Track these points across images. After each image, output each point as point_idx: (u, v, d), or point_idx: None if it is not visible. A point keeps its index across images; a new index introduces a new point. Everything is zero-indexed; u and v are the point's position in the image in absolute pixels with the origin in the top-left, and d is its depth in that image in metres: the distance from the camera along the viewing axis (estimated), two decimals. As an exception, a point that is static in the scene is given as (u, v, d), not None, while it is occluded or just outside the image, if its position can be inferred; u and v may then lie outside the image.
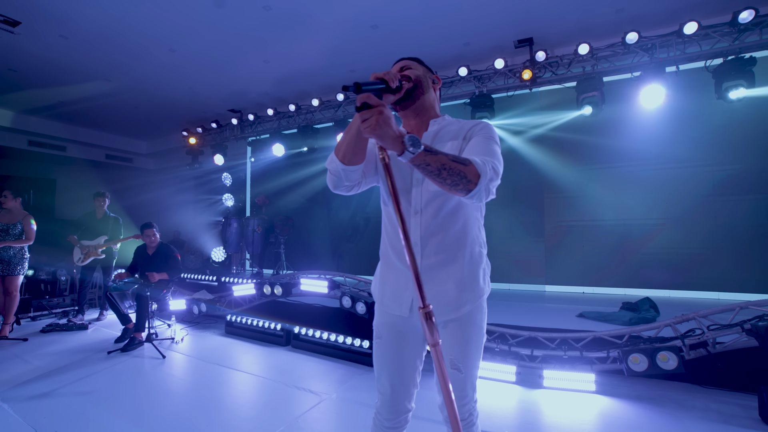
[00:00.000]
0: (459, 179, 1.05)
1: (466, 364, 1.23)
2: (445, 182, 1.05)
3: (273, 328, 3.97)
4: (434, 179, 1.05)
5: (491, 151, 1.22)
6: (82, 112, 7.58)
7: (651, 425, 2.30)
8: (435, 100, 1.40)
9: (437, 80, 1.40)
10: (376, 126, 0.96)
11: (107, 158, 9.79)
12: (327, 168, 1.23)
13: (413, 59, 1.37)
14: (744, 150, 4.87)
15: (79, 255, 4.93)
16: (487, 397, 2.71)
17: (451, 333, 1.24)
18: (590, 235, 5.57)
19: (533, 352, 3.12)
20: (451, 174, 1.04)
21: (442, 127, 1.33)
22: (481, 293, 1.28)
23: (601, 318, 3.66)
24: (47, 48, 5.02)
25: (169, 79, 6.15)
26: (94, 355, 3.65)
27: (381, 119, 0.96)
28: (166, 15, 4.41)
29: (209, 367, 3.36)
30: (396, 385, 1.31)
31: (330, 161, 1.21)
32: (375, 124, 0.96)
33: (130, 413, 2.49)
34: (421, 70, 1.33)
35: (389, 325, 1.32)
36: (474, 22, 4.75)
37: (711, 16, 4.39)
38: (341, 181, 1.20)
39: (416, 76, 1.29)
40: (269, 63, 5.73)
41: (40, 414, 2.44)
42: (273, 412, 2.53)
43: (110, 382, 3.01)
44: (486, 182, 1.09)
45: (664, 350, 2.55)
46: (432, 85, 1.37)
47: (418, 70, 1.32)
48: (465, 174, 1.05)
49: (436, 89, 1.41)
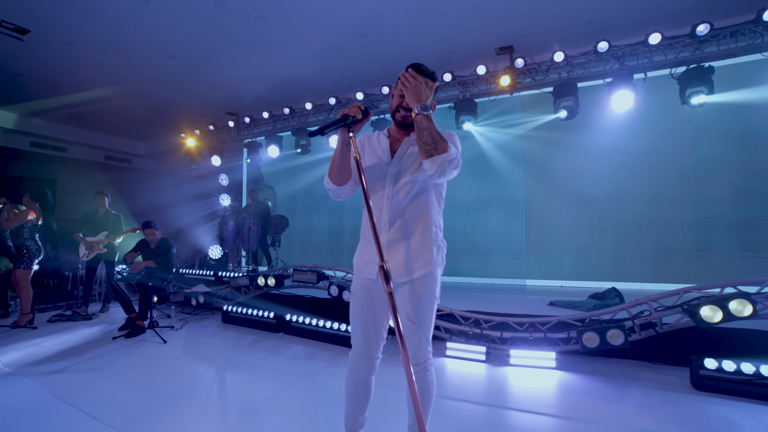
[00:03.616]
0: (432, 143, 1.43)
1: (419, 318, 1.54)
2: (422, 138, 1.44)
3: (266, 317, 4.27)
4: (419, 133, 1.45)
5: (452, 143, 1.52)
6: (83, 114, 7.85)
7: (597, 392, 2.62)
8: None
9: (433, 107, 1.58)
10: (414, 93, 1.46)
11: (107, 159, 10.05)
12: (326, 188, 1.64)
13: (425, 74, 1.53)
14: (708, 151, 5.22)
15: (84, 251, 5.21)
16: (460, 373, 3.02)
17: (407, 292, 1.55)
18: (567, 232, 5.90)
19: (503, 334, 3.44)
20: (430, 135, 1.43)
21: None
22: (433, 264, 1.58)
23: (569, 306, 3.97)
24: (53, 54, 5.30)
25: (168, 83, 6.44)
26: (101, 340, 3.93)
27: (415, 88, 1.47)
28: (167, 24, 4.71)
29: (207, 350, 3.65)
30: (366, 335, 1.63)
31: (326, 183, 1.63)
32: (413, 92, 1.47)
33: (136, 385, 2.77)
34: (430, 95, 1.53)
35: (363, 286, 1.64)
36: (457, 30, 5.07)
37: (673, 28, 4.75)
38: (339, 195, 1.65)
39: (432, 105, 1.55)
40: (264, 69, 6.04)
41: (56, 385, 2.73)
42: (266, 382, 2.82)
43: (117, 360, 3.30)
44: (446, 158, 1.43)
45: (613, 328, 2.87)
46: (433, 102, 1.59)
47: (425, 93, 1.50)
48: (437, 143, 1.43)
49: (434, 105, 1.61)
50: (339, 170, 1.56)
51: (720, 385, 2.51)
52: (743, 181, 5.00)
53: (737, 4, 4.48)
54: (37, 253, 4.63)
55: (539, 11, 4.68)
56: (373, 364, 1.65)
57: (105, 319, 4.93)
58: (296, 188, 8.48)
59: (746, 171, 5.00)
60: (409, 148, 1.62)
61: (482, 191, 6.52)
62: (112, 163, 10.14)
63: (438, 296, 1.62)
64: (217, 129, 7.90)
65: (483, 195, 6.52)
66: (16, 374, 2.97)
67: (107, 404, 2.44)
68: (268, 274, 4.72)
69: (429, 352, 1.62)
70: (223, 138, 7.91)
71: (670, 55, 4.75)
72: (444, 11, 4.63)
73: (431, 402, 1.65)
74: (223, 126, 7.81)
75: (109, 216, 5.41)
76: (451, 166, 1.47)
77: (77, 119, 8.24)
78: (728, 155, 5.10)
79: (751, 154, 4.99)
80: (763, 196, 4.90)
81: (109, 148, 9.86)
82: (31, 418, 2.28)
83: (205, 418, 2.29)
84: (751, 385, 2.42)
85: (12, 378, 2.91)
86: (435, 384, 1.65)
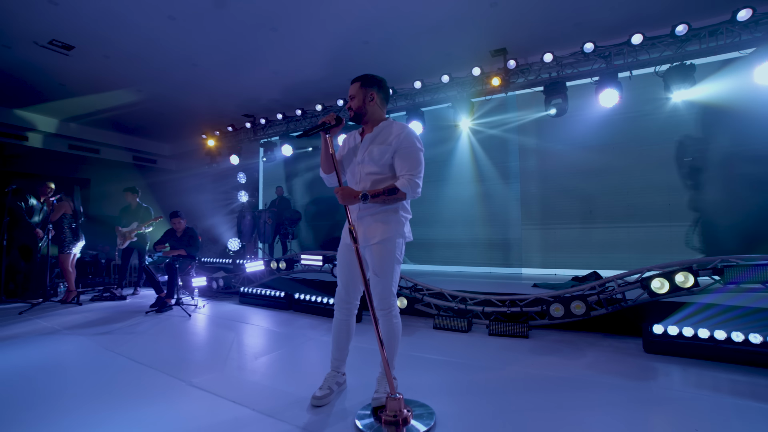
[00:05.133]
0: (394, 200, 1.96)
1: (381, 272, 1.99)
2: (386, 203, 1.98)
3: (277, 296, 4.79)
4: (380, 204, 1.98)
5: (413, 162, 1.98)
6: (114, 118, 8.60)
7: (558, 353, 3.00)
8: (377, 108, 2.12)
9: (372, 96, 2.12)
10: (343, 199, 1.95)
11: (134, 160, 10.85)
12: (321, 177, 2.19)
13: (357, 81, 2.10)
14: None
15: (121, 241, 5.88)
16: (444, 341, 3.44)
17: (372, 252, 2.01)
18: (558, 224, 6.22)
19: (484, 309, 3.84)
20: (388, 200, 1.95)
21: (381, 130, 2.08)
22: (389, 233, 2.00)
23: (550, 287, 4.34)
24: (92, 66, 5.98)
25: (191, 89, 7.07)
26: (135, 314, 4.54)
27: (343, 195, 1.95)
28: (190, 37, 5.29)
29: (227, 323, 4.18)
30: (345, 284, 2.13)
31: (321, 173, 2.18)
32: (342, 198, 1.95)
33: (167, 342, 3.32)
34: (360, 95, 2.07)
35: (343, 247, 2.15)
36: (453, 35, 5.48)
37: (655, 29, 5.02)
38: (330, 182, 2.16)
39: (356, 106, 2.08)
40: (277, 74, 6.58)
41: (103, 340, 3.31)
42: (275, 343, 3.32)
43: (150, 327, 3.88)
44: (410, 193, 1.95)
45: (577, 300, 3.24)
46: (370, 102, 2.10)
47: (358, 96, 2.07)
48: (397, 197, 1.94)
49: (374, 103, 2.13)
50: (325, 163, 2.10)
51: (666, 348, 2.86)
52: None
53: (713, 5, 4.73)
54: (74, 241, 5.31)
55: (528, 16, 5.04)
56: (350, 307, 2.13)
57: (136, 300, 5.57)
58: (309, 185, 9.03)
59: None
60: (369, 145, 2.06)
61: (480, 185, 6.90)
62: (140, 163, 10.93)
63: (399, 258, 2.05)
64: (236, 130, 8.51)
65: (481, 189, 6.89)
66: (72, 333, 3.61)
67: (144, 354, 2.99)
68: (280, 258, 5.24)
69: (394, 300, 2.06)
70: (241, 138, 8.52)
71: (654, 54, 5.03)
72: (440, 18, 5.04)
73: (396, 342, 2.07)
74: (241, 127, 8.42)
75: (140, 209, 6.06)
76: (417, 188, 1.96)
77: (109, 123, 9.01)
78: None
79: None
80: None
81: (136, 149, 10.65)
82: (89, 360, 2.86)
83: (226, 363, 2.79)
84: (690, 346, 2.77)
85: (69, 335, 3.55)
86: (399, 329, 2.08)
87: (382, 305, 2.03)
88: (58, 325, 3.93)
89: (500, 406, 2.11)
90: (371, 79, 2.10)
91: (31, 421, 1.91)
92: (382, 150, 2.02)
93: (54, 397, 2.21)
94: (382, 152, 2.02)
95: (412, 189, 1.94)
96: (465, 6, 4.78)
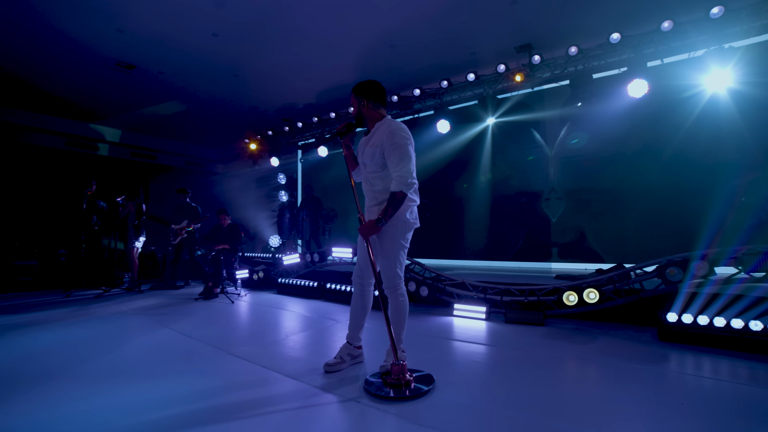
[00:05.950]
0: (401, 202, 2.16)
1: (386, 254, 2.26)
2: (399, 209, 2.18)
3: (311, 285, 5.19)
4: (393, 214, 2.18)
5: (397, 159, 2.18)
6: (168, 127, 9.48)
7: (570, 339, 3.10)
8: (371, 110, 2.36)
9: (364, 102, 2.34)
10: (366, 233, 2.19)
11: (186, 164, 11.84)
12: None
13: (353, 92, 2.35)
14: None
15: (173, 237, 6.56)
16: (461, 327, 3.63)
17: (378, 238, 2.28)
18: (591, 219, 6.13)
19: (503, 298, 3.98)
20: (397, 206, 2.16)
21: (375, 131, 2.34)
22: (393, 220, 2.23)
23: (571, 278, 4.36)
24: (150, 81, 6.72)
25: (233, 97, 7.68)
26: (186, 300, 5.12)
27: (365, 230, 2.19)
28: (232, 50, 5.82)
29: (265, 309, 4.63)
30: (359, 265, 2.43)
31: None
32: (365, 233, 2.19)
33: (212, 322, 3.79)
34: (355, 103, 2.35)
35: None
36: (478, 35, 5.60)
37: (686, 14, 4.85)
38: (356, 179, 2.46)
39: (354, 113, 2.38)
40: (311, 80, 7.01)
41: (160, 318, 3.87)
42: (305, 325, 3.68)
43: (198, 311, 4.40)
44: (405, 190, 2.14)
45: (591, 289, 3.31)
46: (363, 107, 2.34)
47: (354, 103, 2.36)
48: (400, 201, 2.16)
49: (367, 107, 2.35)
50: (347, 162, 2.45)
51: (681, 336, 2.88)
52: None
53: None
54: (137, 236, 6.03)
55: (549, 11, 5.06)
56: (363, 284, 2.42)
57: (188, 290, 6.21)
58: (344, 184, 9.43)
59: None
60: (365, 147, 2.33)
61: (508, 181, 6.93)
62: (190, 167, 11.91)
63: (403, 243, 2.29)
64: (275, 134, 9.10)
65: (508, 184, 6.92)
66: (137, 314, 4.21)
67: (193, 330, 3.46)
68: (314, 252, 5.64)
69: (399, 280, 2.31)
70: (280, 141, 9.10)
71: (688, 41, 4.88)
72: (464, 20, 5.19)
73: (402, 318, 2.31)
74: (280, 131, 8.99)
75: (190, 207, 6.71)
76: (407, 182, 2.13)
77: (164, 131, 9.94)
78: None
79: None
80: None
81: (187, 155, 11.62)
82: (147, 331, 3.41)
83: (261, 339, 3.18)
84: (704, 335, 2.77)
85: (134, 315, 4.17)
86: (406, 306, 2.32)
87: (389, 284, 2.29)
88: (125, 308, 4.57)
89: (501, 376, 2.30)
90: (360, 87, 2.35)
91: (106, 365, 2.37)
92: (373, 151, 2.27)
93: (123, 354, 2.68)
94: (373, 153, 2.27)
95: (405, 186, 2.13)
96: (485, 5, 4.90)
